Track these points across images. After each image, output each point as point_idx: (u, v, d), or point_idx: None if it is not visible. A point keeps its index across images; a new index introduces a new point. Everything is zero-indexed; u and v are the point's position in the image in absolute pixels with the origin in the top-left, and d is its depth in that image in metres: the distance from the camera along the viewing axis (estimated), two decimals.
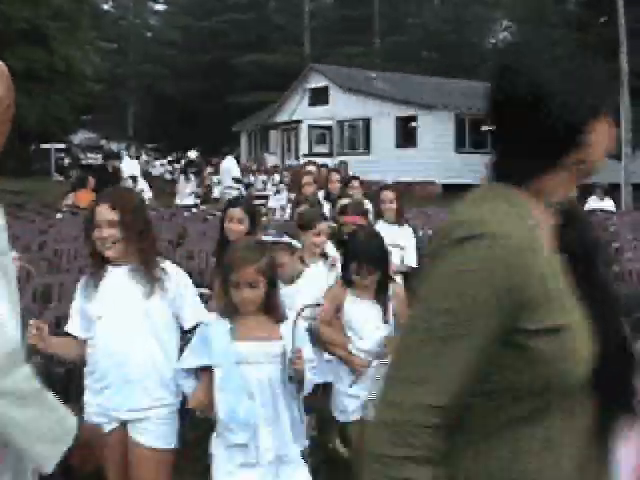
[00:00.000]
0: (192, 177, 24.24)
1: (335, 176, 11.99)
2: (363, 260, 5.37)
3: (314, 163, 17.94)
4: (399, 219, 8.48)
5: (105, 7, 67.11)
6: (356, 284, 5.47)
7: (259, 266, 4.31)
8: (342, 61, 51.33)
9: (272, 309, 4.41)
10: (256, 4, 64.44)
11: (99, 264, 4.60)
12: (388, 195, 8.49)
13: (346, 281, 5.53)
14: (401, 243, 8.18)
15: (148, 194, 21.84)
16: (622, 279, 8.77)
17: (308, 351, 4.47)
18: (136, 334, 4.50)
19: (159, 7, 76.79)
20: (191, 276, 5.05)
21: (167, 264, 4.71)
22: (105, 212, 4.46)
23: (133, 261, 4.55)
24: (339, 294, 5.56)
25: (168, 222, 14.72)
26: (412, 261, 8.26)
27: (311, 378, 4.40)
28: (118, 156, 22.40)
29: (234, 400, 4.23)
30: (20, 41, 37.49)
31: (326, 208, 9.50)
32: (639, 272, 9.27)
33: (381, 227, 7.95)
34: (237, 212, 6.38)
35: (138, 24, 70.18)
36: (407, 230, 8.56)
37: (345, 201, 8.54)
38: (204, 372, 4.37)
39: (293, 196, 12.67)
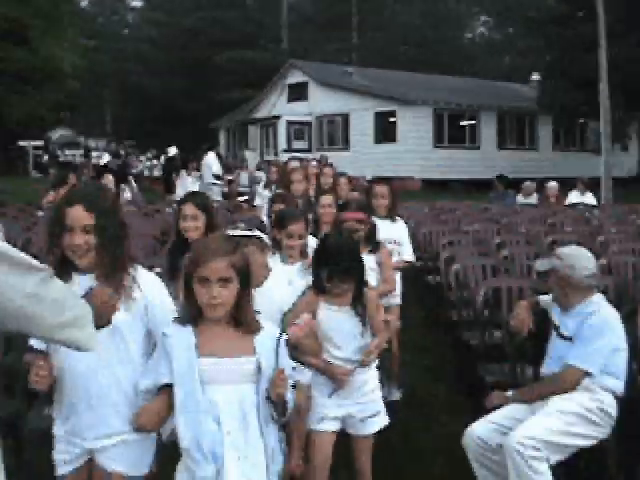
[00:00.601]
0: (192, 172, 24.01)
1: (329, 171, 11.60)
2: (334, 269, 4.85)
3: (298, 159, 17.28)
4: (392, 214, 8.07)
5: (82, 4, 66.81)
6: (329, 292, 4.93)
7: (232, 260, 3.71)
8: (321, 57, 51.32)
9: (244, 316, 3.78)
10: (235, 1, 64.34)
11: (64, 272, 3.85)
12: (381, 190, 8.08)
13: (318, 289, 4.98)
14: (395, 238, 7.88)
15: (127, 193, 21.77)
16: (609, 272, 8.81)
17: (289, 368, 3.88)
18: (101, 350, 3.72)
19: (135, 3, 76.55)
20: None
21: (140, 271, 4.10)
22: (80, 215, 3.85)
23: (102, 268, 3.91)
24: (312, 302, 4.97)
25: (152, 218, 14.66)
26: (409, 256, 8.00)
27: (290, 398, 3.82)
28: (118, 155, 22.41)
29: (197, 426, 3.64)
30: (0, 39, 37.36)
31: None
32: (626, 264, 9.33)
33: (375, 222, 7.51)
34: (189, 208, 5.93)
35: (115, 21, 69.91)
36: (400, 224, 8.14)
37: (327, 200, 7.96)
38: (163, 390, 3.75)
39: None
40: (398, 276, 7.82)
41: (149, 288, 4.10)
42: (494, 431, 5.18)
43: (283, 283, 5.40)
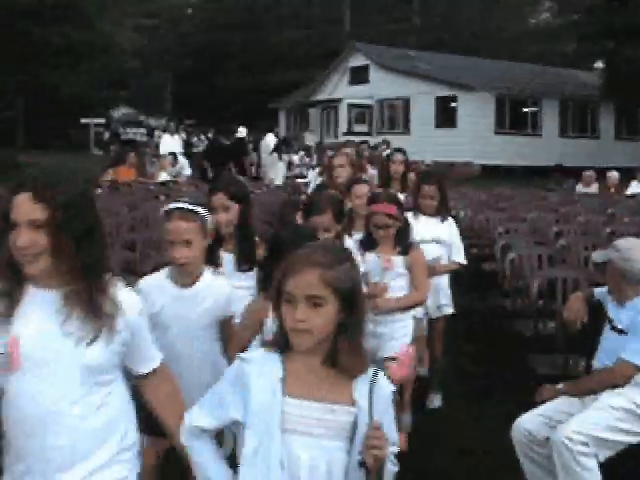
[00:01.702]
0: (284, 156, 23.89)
1: (400, 157, 10.60)
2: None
3: (353, 142, 15.79)
4: (441, 212, 7.44)
5: None
6: None
7: (327, 274, 2.79)
8: (381, 38, 50.98)
9: (344, 355, 2.87)
10: None
11: (15, 280, 3.01)
12: (429, 191, 7.37)
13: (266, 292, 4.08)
14: (444, 238, 7.32)
15: (187, 171, 21.86)
16: None
17: (391, 426, 2.99)
18: (65, 393, 2.97)
19: None
20: None
21: (121, 291, 3.12)
22: (25, 206, 2.90)
23: (67, 283, 2.99)
24: (263, 308, 4.08)
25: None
26: (460, 258, 7.44)
27: (392, 470, 2.99)
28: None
29: None
30: (59, 17, 37.67)
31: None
32: None
33: (421, 221, 7.26)
34: (217, 198, 5.19)
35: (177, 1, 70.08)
36: (450, 224, 7.50)
37: (362, 189, 7.06)
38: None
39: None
40: (446, 280, 7.56)
41: (132, 316, 3.14)
42: (543, 424, 5.11)
43: None
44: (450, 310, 7.59)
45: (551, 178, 21.87)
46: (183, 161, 22.15)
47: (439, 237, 7.28)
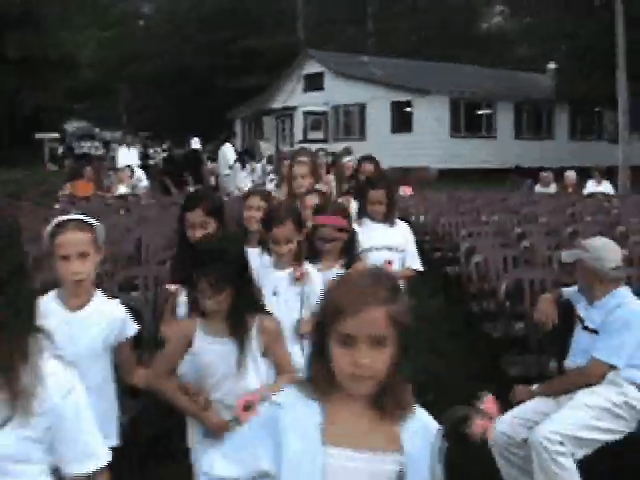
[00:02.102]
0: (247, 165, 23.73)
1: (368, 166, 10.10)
2: (203, 275, 3.88)
3: (307, 150, 15.12)
4: (390, 218, 7.02)
5: None
6: (207, 311, 3.98)
7: (393, 310, 2.42)
8: (336, 46, 51.07)
9: (393, 395, 2.54)
10: None
11: None
12: (376, 195, 6.99)
13: (194, 308, 4.13)
14: (396, 244, 6.88)
15: (144, 183, 21.77)
16: (631, 264, 8.69)
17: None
18: None
19: None
20: None
21: (47, 361, 2.41)
22: None
23: None
24: (188, 327, 4.05)
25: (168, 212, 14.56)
26: (416, 263, 7.02)
27: None
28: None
29: None
30: (15, 27, 37.37)
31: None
32: None
33: (369, 227, 6.86)
34: (195, 216, 5.02)
35: (130, 12, 69.89)
36: (402, 228, 7.14)
37: (312, 200, 6.62)
38: None
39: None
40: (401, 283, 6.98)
41: (58, 400, 2.42)
42: (519, 425, 5.13)
43: (267, 293, 4.73)
44: None
45: (508, 180, 22.00)
46: (140, 173, 22.03)
47: (390, 243, 6.87)
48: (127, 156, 23.32)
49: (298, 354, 4.66)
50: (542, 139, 41.99)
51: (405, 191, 10.34)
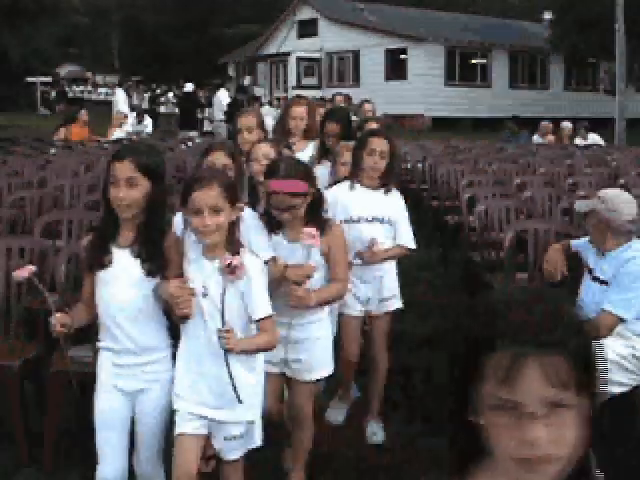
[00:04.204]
0: None
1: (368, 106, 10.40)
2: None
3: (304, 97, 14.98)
4: (387, 182, 5.81)
5: None
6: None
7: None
8: None
9: None
10: None
11: None
12: (379, 144, 5.70)
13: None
14: (389, 215, 5.73)
15: (149, 129, 21.62)
16: None
17: None
18: None
19: None
20: None
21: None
22: None
23: None
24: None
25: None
26: (409, 240, 5.83)
27: None
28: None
29: None
30: None
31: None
32: None
33: (358, 194, 5.77)
34: (123, 169, 4.01)
35: None
36: (396, 198, 5.90)
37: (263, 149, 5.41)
38: None
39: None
40: (394, 267, 5.99)
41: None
42: None
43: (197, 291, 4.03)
44: (396, 305, 5.96)
45: (506, 128, 21.89)
46: (149, 120, 21.87)
47: (383, 215, 5.71)
48: (123, 100, 23.19)
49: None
50: (537, 89, 41.88)
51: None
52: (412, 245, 5.80)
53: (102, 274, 4.07)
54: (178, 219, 4.30)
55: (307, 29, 43.86)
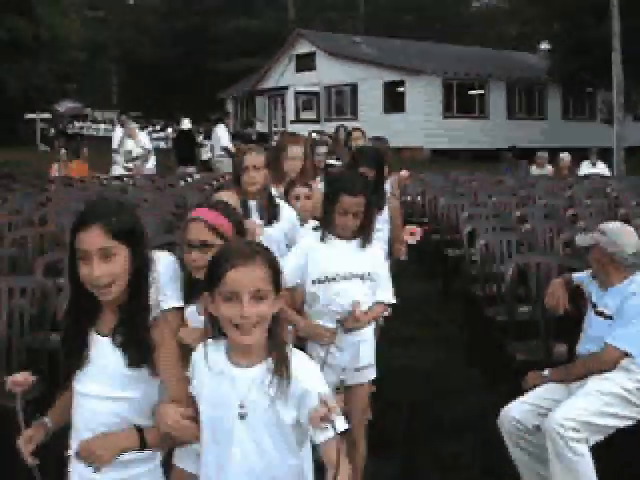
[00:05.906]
0: None
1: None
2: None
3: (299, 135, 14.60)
4: (365, 234, 5.04)
5: None
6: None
7: None
8: (326, 26, 51.01)
9: None
10: None
11: None
12: (351, 203, 4.90)
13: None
14: (366, 272, 4.96)
15: (150, 165, 21.50)
16: None
17: None
18: None
19: None
20: None
21: None
22: None
23: None
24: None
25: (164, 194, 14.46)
26: (388, 295, 5.12)
27: None
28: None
29: None
30: (4, 10, 37.20)
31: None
32: None
33: (331, 247, 5.03)
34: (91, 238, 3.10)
35: None
36: (375, 250, 5.16)
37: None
38: None
39: None
40: (372, 331, 5.26)
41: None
42: (530, 412, 5.10)
43: None
44: (372, 375, 5.21)
45: (504, 160, 21.95)
46: (153, 156, 21.80)
47: (361, 270, 4.96)
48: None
49: None
50: (534, 119, 42.01)
51: (403, 177, 10.14)
52: (392, 300, 5.11)
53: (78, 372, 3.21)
54: (192, 309, 3.70)
55: (305, 63, 44.05)
